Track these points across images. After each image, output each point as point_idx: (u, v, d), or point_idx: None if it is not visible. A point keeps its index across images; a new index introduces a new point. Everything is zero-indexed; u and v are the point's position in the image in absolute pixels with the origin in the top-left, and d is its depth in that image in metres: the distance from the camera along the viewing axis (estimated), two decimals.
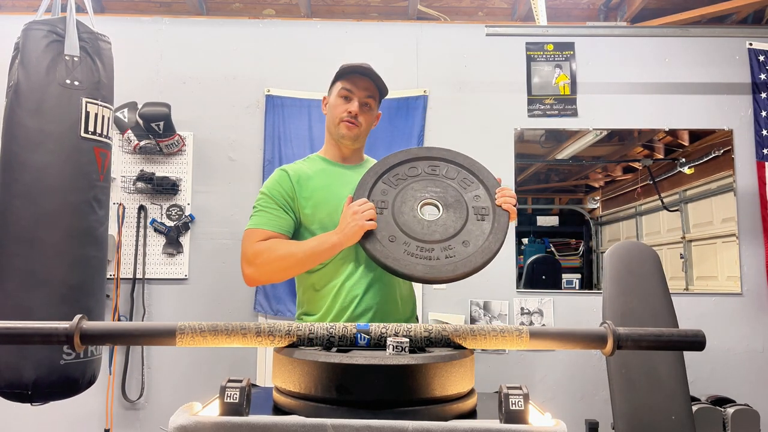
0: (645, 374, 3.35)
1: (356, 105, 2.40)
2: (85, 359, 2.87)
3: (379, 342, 1.49)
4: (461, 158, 2.32)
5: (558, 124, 4.73)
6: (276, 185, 2.36)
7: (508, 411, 1.32)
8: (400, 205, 2.14)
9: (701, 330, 1.46)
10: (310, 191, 2.35)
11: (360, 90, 2.42)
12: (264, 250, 2.23)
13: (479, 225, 2.12)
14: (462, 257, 2.03)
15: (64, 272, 2.83)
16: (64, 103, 2.86)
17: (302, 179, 2.37)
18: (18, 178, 2.81)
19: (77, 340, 1.39)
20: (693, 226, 4.77)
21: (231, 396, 1.35)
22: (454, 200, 2.16)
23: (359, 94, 2.42)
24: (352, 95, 2.41)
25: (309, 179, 2.38)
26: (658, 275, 3.59)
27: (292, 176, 2.37)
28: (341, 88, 2.43)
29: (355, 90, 2.42)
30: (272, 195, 2.33)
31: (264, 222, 2.30)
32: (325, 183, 2.39)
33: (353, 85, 2.42)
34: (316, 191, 2.35)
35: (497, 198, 2.19)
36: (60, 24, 2.89)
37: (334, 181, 2.40)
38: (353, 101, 2.41)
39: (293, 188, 2.34)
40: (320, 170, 2.44)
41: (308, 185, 2.36)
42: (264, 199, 2.34)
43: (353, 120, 2.40)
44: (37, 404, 2.83)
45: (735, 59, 4.75)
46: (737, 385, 4.48)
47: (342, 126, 2.41)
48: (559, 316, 4.57)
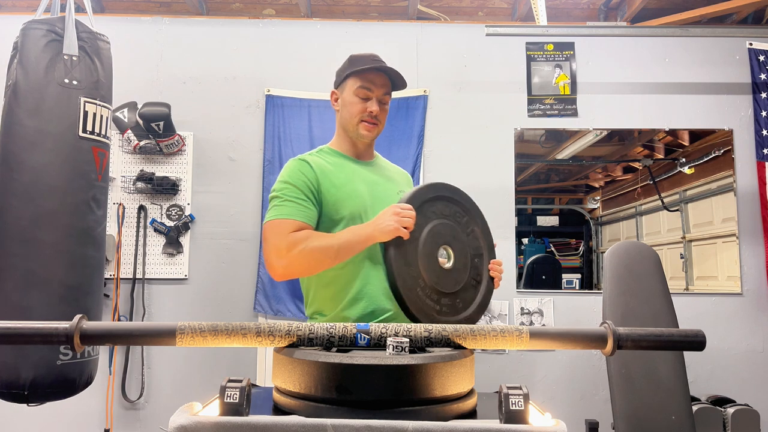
0: (645, 374, 3.35)
1: (376, 105, 2.34)
2: (81, 360, 2.87)
3: (379, 342, 1.48)
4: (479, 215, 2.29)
5: (558, 124, 4.72)
6: (299, 174, 2.25)
7: (508, 411, 1.32)
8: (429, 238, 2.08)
9: (701, 330, 1.45)
10: (332, 184, 2.27)
11: (378, 88, 2.35)
12: (299, 241, 2.13)
13: (473, 290, 2.14)
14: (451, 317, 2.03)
15: (62, 272, 2.83)
16: (62, 102, 2.86)
17: (324, 170, 2.29)
18: (16, 177, 2.81)
19: (77, 340, 1.39)
20: (693, 226, 4.77)
21: (231, 396, 1.35)
22: (464, 257, 2.15)
23: (377, 93, 2.35)
24: (370, 94, 2.35)
25: (329, 172, 2.30)
26: (658, 275, 3.59)
27: (314, 166, 2.28)
28: (359, 86, 2.35)
29: (374, 88, 2.35)
30: (296, 184, 2.23)
31: (291, 212, 2.18)
32: (345, 178, 2.32)
33: (371, 83, 2.35)
34: (340, 186, 2.28)
35: (491, 268, 2.23)
36: (59, 23, 2.90)
37: (353, 177, 2.34)
38: (372, 100, 2.34)
39: (317, 178, 2.25)
40: (338, 164, 2.36)
41: (330, 178, 2.28)
42: (288, 189, 2.23)
43: (374, 120, 2.35)
44: (34, 405, 2.83)
45: (735, 59, 4.75)
46: (737, 385, 4.47)
47: (362, 126, 2.35)
48: (559, 316, 4.57)
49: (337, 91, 2.46)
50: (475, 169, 4.63)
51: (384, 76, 2.36)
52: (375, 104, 2.34)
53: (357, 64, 2.37)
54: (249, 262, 4.59)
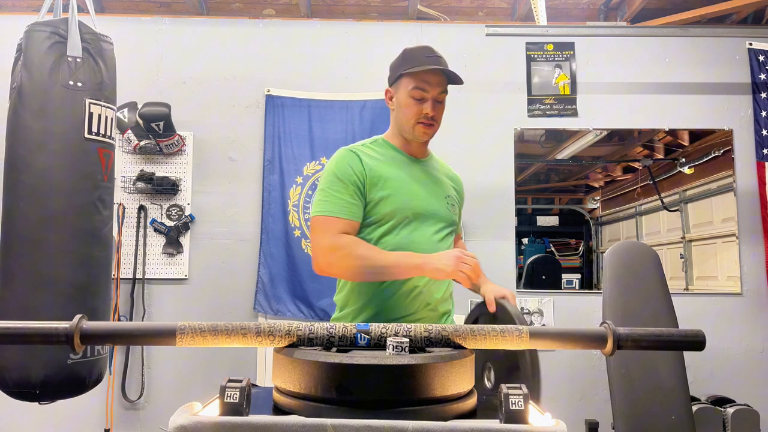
0: (645, 374, 3.36)
1: (431, 106, 2.25)
2: (91, 358, 2.88)
3: (379, 342, 1.47)
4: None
5: (558, 124, 4.72)
6: (347, 168, 2.24)
7: (508, 411, 1.31)
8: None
9: (701, 330, 1.44)
10: (381, 178, 2.25)
11: (434, 87, 2.24)
12: (344, 245, 2.16)
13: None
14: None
15: (70, 272, 2.84)
16: (67, 104, 2.86)
17: (373, 164, 2.27)
18: (23, 179, 2.82)
19: (77, 341, 1.37)
20: (693, 226, 4.79)
21: (231, 396, 1.33)
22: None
23: (433, 92, 2.25)
24: (426, 95, 2.24)
25: (380, 165, 2.28)
26: (658, 275, 3.59)
27: (363, 159, 2.26)
28: (414, 87, 2.25)
29: (429, 89, 2.24)
30: (343, 179, 2.22)
31: (338, 209, 2.21)
32: (397, 173, 2.29)
33: (426, 83, 2.24)
34: (390, 181, 2.26)
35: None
36: (62, 25, 2.89)
37: (405, 174, 2.31)
38: (428, 102, 2.25)
39: (364, 172, 2.24)
40: (391, 158, 2.33)
41: (379, 171, 2.26)
42: (335, 183, 2.23)
43: (430, 121, 2.27)
44: (45, 403, 2.85)
45: (735, 59, 4.74)
46: (737, 385, 4.47)
47: (418, 129, 2.28)
48: (559, 316, 4.56)
49: (391, 89, 2.38)
50: (475, 169, 4.62)
51: (440, 75, 2.25)
52: (430, 105, 2.25)
53: (410, 62, 2.26)
54: (249, 262, 4.59)
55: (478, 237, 4.48)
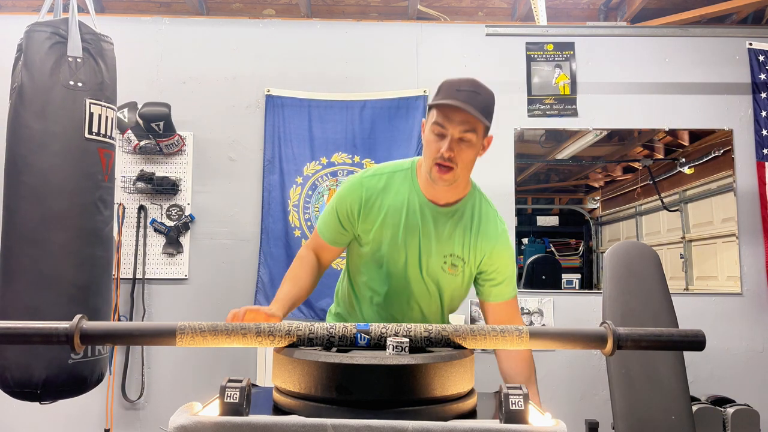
0: (645, 374, 3.33)
1: (448, 146, 2.00)
2: (92, 358, 2.90)
3: (379, 342, 1.48)
4: None
5: (558, 124, 4.72)
6: (344, 201, 2.22)
7: (508, 411, 1.31)
8: None
9: (701, 330, 1.45)
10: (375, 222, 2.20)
11: (455, 125, 2.00)
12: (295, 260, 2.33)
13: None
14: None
15: (71, 272, 2.85)
16: (68, 104, 2.86)
17: (374, 206, 2.19)
18: (24, 179, 2.82)
19: (77, 341, 1.38)
20: (693, 226, 4.78)
21: (231, 396, 1.34)
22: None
23: (454, 131, 2.00)
24: (445, 132, 2.00)
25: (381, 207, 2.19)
26: (658, 275, 3.56)
27: (365, 197, 2.19)
28: (434, 122, 2.02)
29: (449, 126, 2.00)
30: (338, 209, 2.23)
31: (323, 231, 2.31)
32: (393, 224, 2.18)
33: (446, 119, 2.00)
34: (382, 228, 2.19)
35: None
36: (62, 25, 2.90)
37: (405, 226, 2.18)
38: (446, 140, 2.00)
39: (360, 208, 2.19)
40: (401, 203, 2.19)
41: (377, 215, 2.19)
42: (331, 209, 2.27)
43: (447, 163, 2.02)
44: (46, 403, 2.85)
45: (735, 59, 4.74)
46: (737, 385, 4.47)
47: (434, 171, 2.04)
48: (559, 316, 4.56)
49: (424, 121, 2.15)
50: (475, 168, 4.52)
51: (464, 113, 1.98)
52: (448, 145, 2.00)
53: (439, 94, 2.04)
54: (249, 262, 4.59)
55: None
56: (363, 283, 2.32)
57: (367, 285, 2.30)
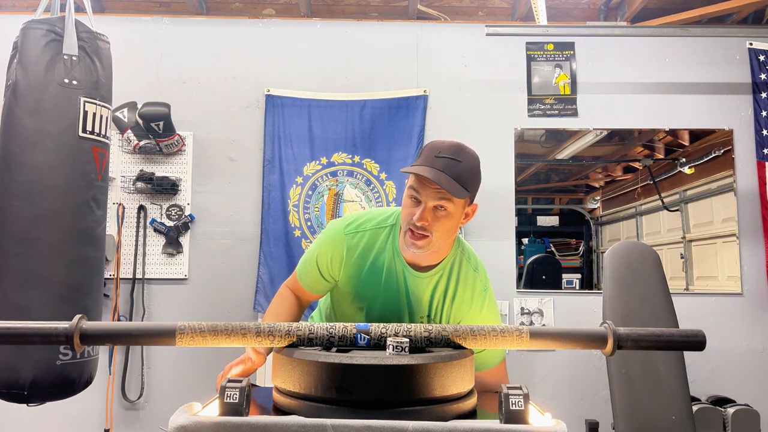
0: (645, 374, 3.33)
1: (421, 214, 1.89)
2: (81, 360, 2.87)
3: (379, 342, 1.49)
4: None
5: (558, 124, 4.72)
6: (324, 255, 2.17)
7: (508, 411, 1.32)
8: None
9: (701, 330, 1.45)
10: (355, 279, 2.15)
11: (429, 194, 1.90)
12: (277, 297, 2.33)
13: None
14: None
15: (62, 272, 2.83)
16: (62, 102, 2.85)
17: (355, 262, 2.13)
18: (16, 177, 2.80)
19: (77, 340, 1.39)
20: (693, 226, 4.77)
21: (231, 396, 1.35)
22: None
23: (427, 200, 1.90)
24: (419, 197, 1.91)
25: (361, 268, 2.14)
26: (658, 275, 3.56)
27: (347, 252, 2.12)
28: (410, 186, 1.94)
29: (423, 193, 1.90)
30: (318, 261, 2.18)
31: (303, 277, 2.27)
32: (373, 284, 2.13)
33: (421, 186, 1.91)
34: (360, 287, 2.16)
35: None
36: (59, 23, 2.89)
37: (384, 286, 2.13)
38: (420, 207, 1.90)
39: (341, 265, 2.14)
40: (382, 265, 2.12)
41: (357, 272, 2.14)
42: (310, 259, 2.22)
43: (420, 231, 1.91)
44: (34, 405, 2.82)
45: (735, 59, 4.74)
46: (737, 385, 4.47)
47: (408, 236, 1.94)
48: (559, 316, 4.57)
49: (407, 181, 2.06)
50: None
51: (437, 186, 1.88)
52: (420, 214, 1.89)
53: (420, 156, 1.96)
54: (249, 262, 4.59)
55: (478, 237, 4.47)
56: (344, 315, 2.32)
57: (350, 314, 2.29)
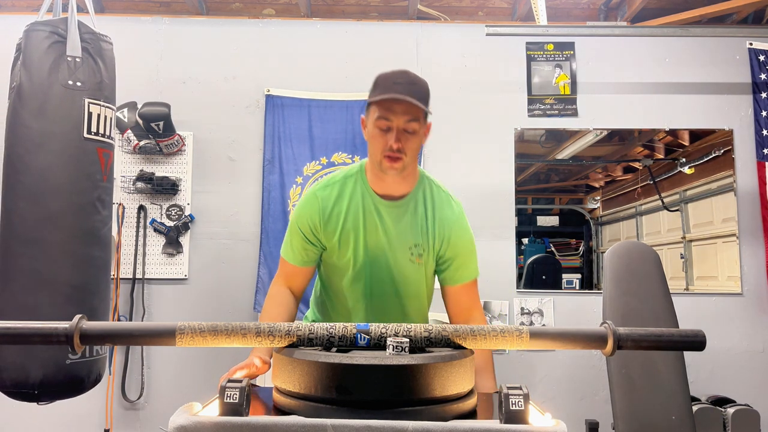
0: (645, 374, 3.31)
1: (395, 138, 2.06)
2: (90, 358, 2.88)
3: (379, 342, 1.48)
4: None
5: (558, 123, 4.72)
6: (303, 216, 2.26)
7: (508, 411, 1.32)
8: None
9: (701, 330, 1.44)
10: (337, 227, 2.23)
11: (399, 116, 2.06)
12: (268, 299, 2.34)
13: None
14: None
15: (68, 272, 2.83)
16: (66, 104, 2.85)
17: (333, 212, 2.23)
18: (22, 179, 2.81)
19: (77, 341, 1.38)
20: (693, 226, 4.78)
21: (231, 396, 1.35)
22: None
23: (399, 122, 2.06)
24: (390, 124, 2.06)
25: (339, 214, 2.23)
26: (658, 275, 3.54)
27: (323, 207, 2.23)
28: (378, 116, 2.08)
29: (393, 118, 2.06)
30: (300, 224, 2.26)
31: (289, 255, 2.32)
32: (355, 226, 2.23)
33: (389, 111, 2.06)
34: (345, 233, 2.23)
35: None
36: (62, 25, 2.88)
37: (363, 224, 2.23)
38: (392, 132, 2.06)
39: (320, 219, 2.23)
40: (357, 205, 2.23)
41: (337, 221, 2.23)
42: (292, 228, 2.29)
43: (396, 154, 2.07)
44: (44, 403, 2.84)
45: (735, 59, 4.74)
46: (737, 385, 4.47)
47: (384, 163, 2.10)
48: (559, 316, 4.57)
49: (364, 117, 2.21)
50: (475, 169, 4.63)
51: (405, 103, 2.05)
52: (395, 136, 2.06)
53: (377, 89, 2.11)
54: (249, 262, 4.59)
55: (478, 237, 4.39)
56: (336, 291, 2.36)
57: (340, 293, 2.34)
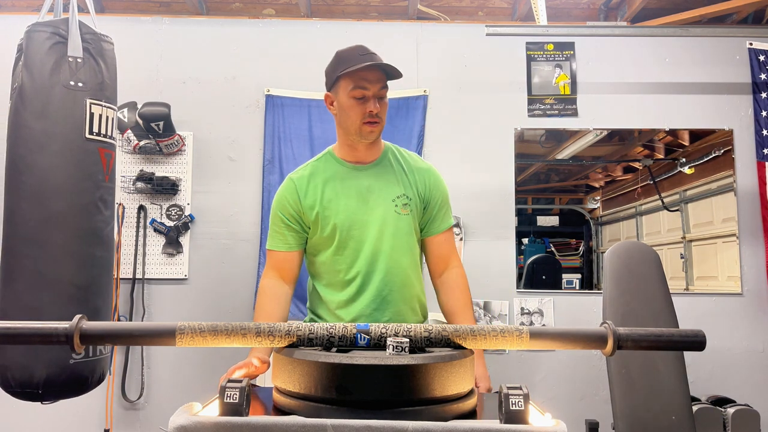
0: (645, 374, 3.28)
1: (374, 103, 2.23)
2: (94, 358, 2.89)
3: (379, 342, 1.48)
4: None
5: (558, 124, 4.71)
6: (281, 200, 2.36)
7: (508, 411, 1.32)
8: None
9: (701, 330, 1.44)
10: (317, 202, 2.32)
11: (373, 85, 2.22)
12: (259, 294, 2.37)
13: None
14: None
15: (71, 272, 2.84)
16: (68, 104, 2.85)
17: (309, 189, 2.34)
18: (24, 180, 2.82)
19: (77, 341, 1.38)
20: (693, 226, 4.77)
21: (231, 396, 1.35)
22: None
23: (374, 89, 2.22)
24: (367, 93, 2.22)
25: (315, 188, 2.33)
26: (658, 275, 3.52)
27: (299, 187, 2.34)
28: (353, 87, 2.22)
29: (370, 86, 2.22)
30: (280, 210, 2.35)
31: (273, 243, 2.37)
32: (333, 192, 2.33)
33: (365, 81, 2.22)
34: (326, 202, 2.32)
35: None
36: (63, 25, 2.88)
37: (343, 189, 2.34)
38: (370, 100, 2.23)
39: (298, 200, 2.33)
40: (331, 175, 2.36)
41: (315, 194, 2.33)
42: (273, 217, 2.38)
43: (375, 119, 2.25)
44: (48, 403, 2.85)
45: (735, 59, 4.73)
46: (737, 385, 4.46)
47: (364, 129, 2.26)
48: (559, 316, 4.56)
49: (330, 93, 2.34)
50: (475, 169, 4.62)
51: (376, 69, 2.23)
52: (373, 103, 2.23)
53: (345, 63, 2.23)
54: (249, 262, 4.58)
55: (479, 237, 4.48)
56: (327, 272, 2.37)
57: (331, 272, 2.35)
